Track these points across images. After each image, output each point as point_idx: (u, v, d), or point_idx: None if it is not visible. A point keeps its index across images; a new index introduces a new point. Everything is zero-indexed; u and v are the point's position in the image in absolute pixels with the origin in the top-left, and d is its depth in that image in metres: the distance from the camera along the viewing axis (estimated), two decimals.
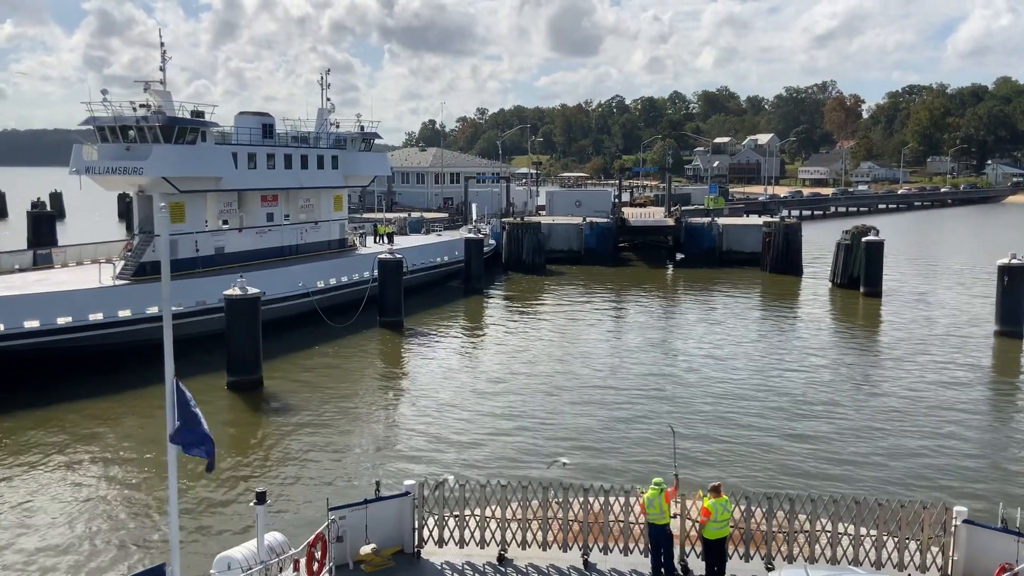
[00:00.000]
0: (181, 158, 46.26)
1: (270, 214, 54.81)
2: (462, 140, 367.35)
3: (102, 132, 46.95)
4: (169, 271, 13.31)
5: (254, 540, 14.68)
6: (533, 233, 74.38)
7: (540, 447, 28.92)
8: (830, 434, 30.45)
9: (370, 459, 28.08)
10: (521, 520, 17.29)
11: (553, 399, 34.95)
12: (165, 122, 45.58)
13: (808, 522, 16.85)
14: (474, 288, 62.45)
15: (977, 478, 26.56)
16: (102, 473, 26.81)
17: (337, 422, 31.86)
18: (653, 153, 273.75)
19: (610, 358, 42.46)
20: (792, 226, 73.47)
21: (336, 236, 60.79)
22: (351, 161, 60.27)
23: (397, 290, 49.18)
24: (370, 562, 16.65)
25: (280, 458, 28.00)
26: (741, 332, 49.20)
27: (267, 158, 53.10)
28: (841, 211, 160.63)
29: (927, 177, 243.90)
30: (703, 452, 28.44)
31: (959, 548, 16.27)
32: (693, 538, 16.96)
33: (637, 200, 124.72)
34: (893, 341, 46.64)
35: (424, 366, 41.21)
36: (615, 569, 16.76)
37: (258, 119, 54.61)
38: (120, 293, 40.53)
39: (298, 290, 47.76)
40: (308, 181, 56.74)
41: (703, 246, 79.45)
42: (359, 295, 50.27)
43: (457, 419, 32.24)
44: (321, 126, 60.62)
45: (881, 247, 60.16)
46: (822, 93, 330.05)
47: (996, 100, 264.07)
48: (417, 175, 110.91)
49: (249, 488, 24.34)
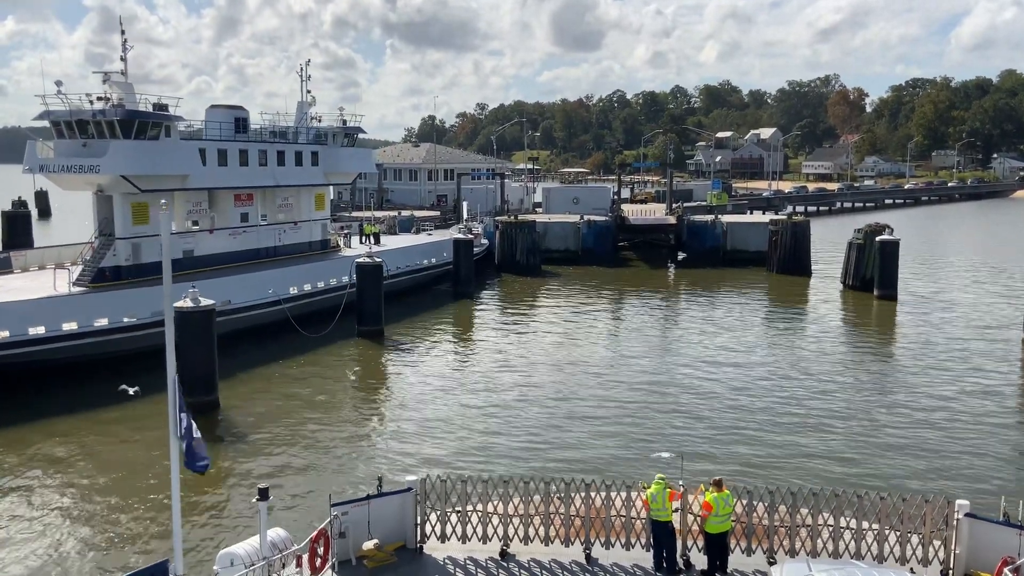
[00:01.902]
0: (142, 155, 42.70)
1: (244, 214, 51.28)
2: (462, 136, 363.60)
3: (58, 127, 43.47)
4: (171, 270, 13.49)
5: (257, 536, 14.70)
6: (527, 232, 70.56)
7: (530, 465, 26.49)
8: (836, 431, 29.39)
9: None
10: (523, 515, 17.26)
11: (547, 411, 32.44)
12: (124, 116, 42.05)
13: (810, 516, 16.79)
14: (463, 292, 58.78)
15: (979, 471, 26.40)
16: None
17: (290, 453, 28.49)
18: (654, 148, 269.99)
19: (608, 367, 39.18)
20: (800, 224, 69.72)
21: (318, 237, 57.31)
22: (332, 157, 56.72)
23: (376, 297, 45.56)
24: (372, 557, 16.61)
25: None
26: (748, 337, 45.76)
27: (239, 154, 49.55)
28: (847, 206, 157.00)
29: (932, 171, 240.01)
30: (712, 466, 25.01)
31: (961, 541, 16.21)
32: (695, 532, 16.91)
33: (637, 196, 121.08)
34: (911, 346, 43.20)
35: (401, 380, 37.73)
36: (617, 564, 16.80)
37: (230, 112, 51.11)
38: (69, 303, 36.99)
39: (268, 297, 44.06)
40: (285, 179, 53.21)
41: (706, 245, 75.75)
42: (337, 302, 46.70)
43: (435, 440, 29.10)
44: (301, 120, 57.11)
45: (896, 247, 56.41)
46: (825, 87, 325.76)
47: (1001, 93, 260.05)
48: (410, 172, 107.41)
49: (251, 484, 23.94)
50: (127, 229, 43.51)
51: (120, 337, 37.48)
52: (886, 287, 56.04)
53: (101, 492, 25.14)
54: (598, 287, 63.62)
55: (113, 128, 42.15)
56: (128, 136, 42.37)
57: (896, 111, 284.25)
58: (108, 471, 26.72)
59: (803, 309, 55.51)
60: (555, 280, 66.97)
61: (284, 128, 55.99)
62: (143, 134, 42.92)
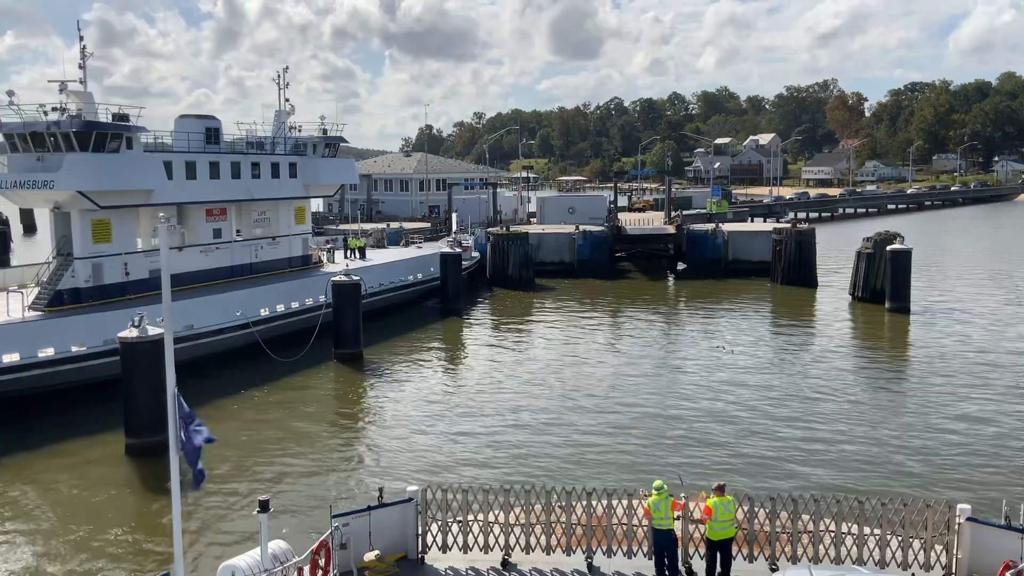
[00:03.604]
0: (100, 169, 39.66)
1: (217, 230, 48.20)
2: (460, 146, 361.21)
3: (11, 140, 40.46)
4: (169, 284, 13.44)
5: (258, 548, 14.65)
6: (520, 244, 67.36)
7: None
8: (844, 445, 25.91)
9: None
10: (524, 524, 17.24)
11: (541, 440, 29.85)
12: (80, 127, 39.05)
13: (811, 522, 16.76)
14: (451, 309, 55.65)
15: (981, 475, 26.19)
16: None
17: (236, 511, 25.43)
18: (652, 155, 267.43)
19: (607, 389, 36.38)
20: (805, 232, 66.55)
21: (298, 253, 54.21)
22: (311, 168, 53.73)
23: (354, 317, 42.44)
24: (374, 569, 16.54)
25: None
26: (752, 352, 42.78)
27: (210, 167, 46.57)
28: (850, 212, 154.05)
29: (934, 175, 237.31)
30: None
31: (963, 546, 16.20)
32: (696, 540, 16.86)
33: (635, 204, 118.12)
34: (927, 361, 40.17)
35: (377, 408, 34.68)
36: (619, 572, 16.77)
37: (201, 123, 48.07)
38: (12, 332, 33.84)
39: (235, 320, 40.90)
40: (261, 192, 50.19)
41: (707, 255, 72.66)
42: (313, 323, 43.63)
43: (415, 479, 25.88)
44: (278, 130, 54.17)
45: (909, 257, 53.21)
46: (823, 92, 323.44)
47: (1002, 96, 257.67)
48: (401, 182, 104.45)
49: (252, 497, 23.87)
50: (87, 248, 40.47)
51: (66, 369, 34.36)
52: (898, 299, 52.90)
53: (105, 498, 25.31)
54: (594, 301, 60.58)
55: (69, 140, 39.17)
56: (85, 149, 39.37)
57: (895, 115, 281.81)
58: (111, 480, 26.69)
59: (811, 323, 52.42)
60: (549, 294, 63.93)
61: (261, 139, 53.09)
62: (102, 146, 39.90)
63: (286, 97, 55.18)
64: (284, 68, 56.03)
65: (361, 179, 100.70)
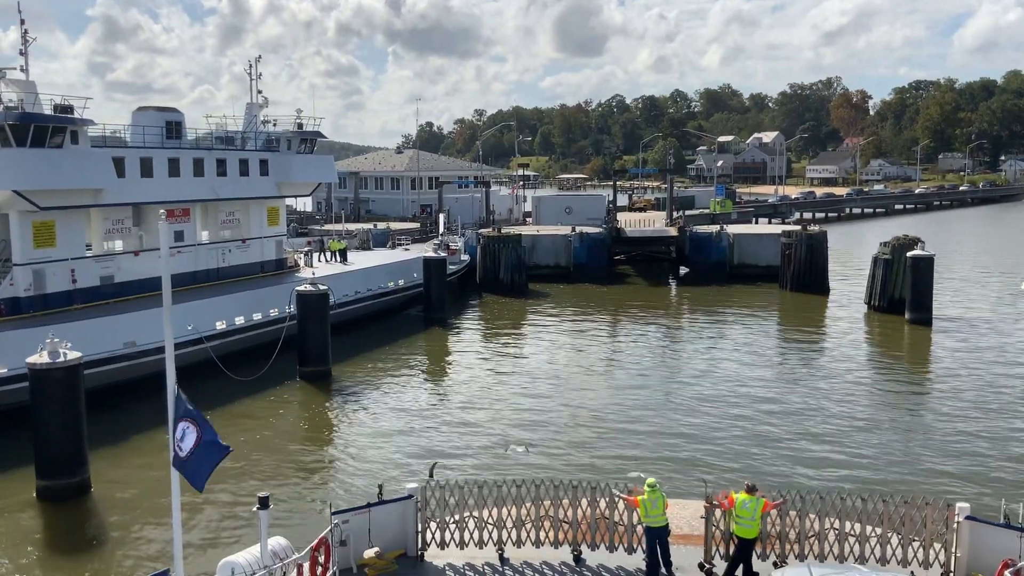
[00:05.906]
0: (39, 166, 35.72)
1: (180, 232, 44.25)
2: (460, 143, 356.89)
3: None
4: (170, 287, 13.39)
5: (257, 545, 14.42)
6: (512, 247, 63.25)
7: None
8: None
9: None
10: (516, 519, 17.36)
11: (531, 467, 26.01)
12: (16, 120, 35.10)
13: (816, 520, 16.80)
14: (435, 318, 51.69)
15: (980, 474, 26.03)
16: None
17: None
18: (654, 153, 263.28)
19: (603, 405, 32.90)
20: (816, 236, 62.34)
21: (271, 256, 50.30)
22: (284, 165, 49.79)
23: (321, 332, 38.31)
24: (373, 566, 16.50)
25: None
26: (760, 366, 39.01)
27: (168, 163, 42.64)
28: (857, 212, 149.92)
29: (940, 174, 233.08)
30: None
31: (962, 544, 16.14)
32: (717, 539, 16.82)
33: (636, 204, 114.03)
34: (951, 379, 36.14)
35: (343, 434, 30.71)
36: (603, 565, 16.93)
37: (160, 115, 44.18)
38: None
39: (187, 335, 36.80)
40: (227, 191, 46.26)
41: (711, 259, 68.61)
42: (277, 335, 39.61)
43: None
44: (249, 124, 50.23)
45: (931, 264, 48.93)
46: (827, 90, 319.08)
47: (1008, 94, 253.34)
48: (392, 180, 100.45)
49: (251, 493, 23.04)
50: (27, 254, 36.58)
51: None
52: (919, 310, 48.74)
53: (104, 494, 24.99)
54: (591, 308, 56.55)
55: (4, 134, 35.26)
56: (23, 144, 35.43)
57: (900, 113, 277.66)
58: (111, 476, 26.34)
59: (824, 334, 48.32)
60: (543, 301, 59.84)
61: (230, 134, 49.14)
62: (41, 141, 35.97)
63: (259, 89, 51.33)
64: (256, 58, 52.27)
65: (349, 177, 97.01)
